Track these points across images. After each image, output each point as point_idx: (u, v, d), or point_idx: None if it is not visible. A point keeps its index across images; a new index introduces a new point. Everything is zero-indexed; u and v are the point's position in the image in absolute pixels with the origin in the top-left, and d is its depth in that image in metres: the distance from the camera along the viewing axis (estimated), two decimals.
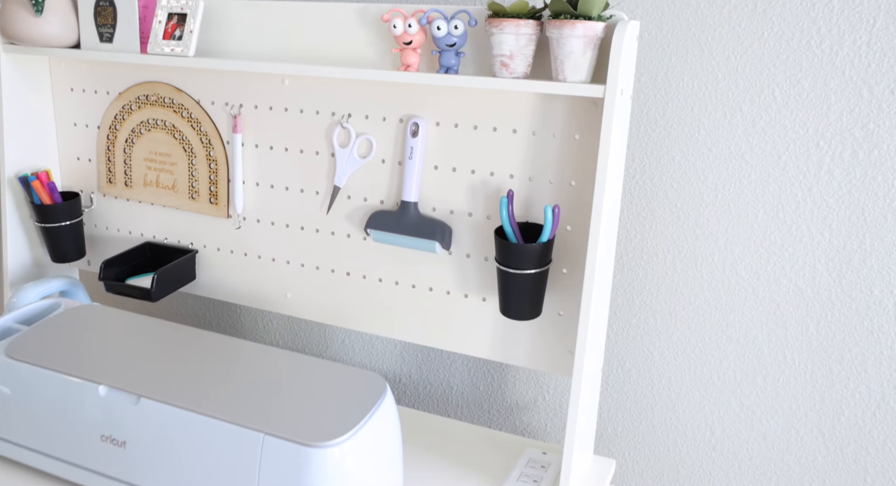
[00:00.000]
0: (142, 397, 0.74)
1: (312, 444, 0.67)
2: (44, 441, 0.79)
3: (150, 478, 0.73)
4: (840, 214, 0.87)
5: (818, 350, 0.92)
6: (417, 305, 0.94)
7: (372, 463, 0.70)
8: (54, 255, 1.10)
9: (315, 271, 1.00)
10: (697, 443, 1.00)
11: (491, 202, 0.88)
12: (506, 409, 1.10)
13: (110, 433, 0.75)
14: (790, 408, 0.95)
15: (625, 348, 1.01)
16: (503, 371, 1.09)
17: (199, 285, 1.09)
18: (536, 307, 0.83)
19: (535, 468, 0.88)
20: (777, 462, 0.97)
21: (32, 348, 0.81)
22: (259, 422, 0.69)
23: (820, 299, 0.90)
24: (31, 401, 0.78)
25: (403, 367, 1.15)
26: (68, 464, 0.78)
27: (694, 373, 0.98)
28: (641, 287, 0.98)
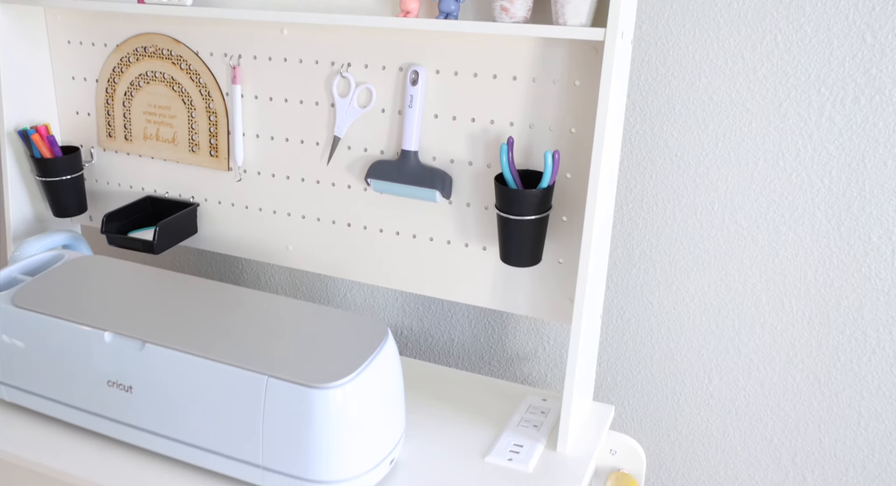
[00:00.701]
0: (147, 343, 0.75)
1: (315, 385, 0.68)
2: (52, 388, 0.80)
3: (157, 422, 0.75)
4: (840, 161, 0.87)
5: (816, 297, 0.92)
6: (418, 255, 0.94)
7: (374, 405, 0.71)
8: (56, 209, 1.10)
9: (316, 222, 1.00)
10: (695, 390, 1.02)
11: (491, 151, 0.88)
12: (506, 360, 1.12)
13: (117, 378, 0.76)
14: (787, 355, 0.96)
15: (624, 297, 1.02)
16: (504, 322, 1.10)
17: (200, 238, 1.09)
18: (536, 254, 0.84)
19: (535, 414, 0.89)
20: (773, 408, 0.98)
21: (37, 297, 0.82)
22: (262, 365, 0.70)
23: (818, 246, 0.91)
24: (38, 349, 0.80)
25: (405, 319, 1.16)
26: (76, 409, 0.79)
27: (693, 322, 0.99)
28: (641, 237, 0.99)
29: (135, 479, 0.74)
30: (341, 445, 0.69)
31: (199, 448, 0.73)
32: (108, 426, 0.78)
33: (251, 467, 0.71)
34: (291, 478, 0.70)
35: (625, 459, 0.91)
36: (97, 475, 0.74)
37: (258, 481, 0.72)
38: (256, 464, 0.71)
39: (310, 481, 0.69)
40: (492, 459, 0.80)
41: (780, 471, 1.00)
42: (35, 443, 0.79)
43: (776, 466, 1.00)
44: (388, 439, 0.74)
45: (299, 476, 0.70)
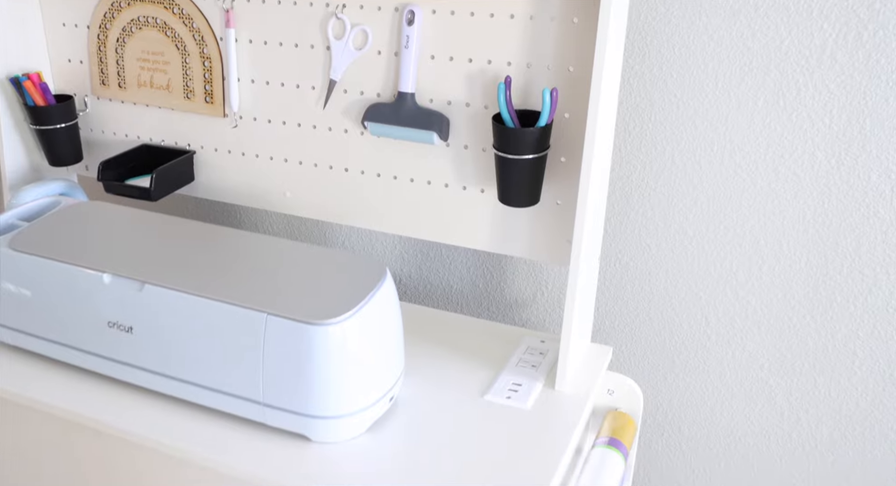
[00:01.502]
0: (146, 284, 0.75)
1: (314, 322, 0.68)
2: (54, 330, 0.80)
3: (158, 362, 0.76)
4: (841, 100, 0.86)
5: (814, 238, 0.92)
6: (416, 198, 0.94)
7: (372, 342, 0.72)
8: (51, 159, 1.10)
9: (313, 168, 1.00)
10: (693, 333, 1.02)
11: (488, 91, 0.87)
12: (505, 305, 1.12)
13: (117, 319, 0.76)
14: (784, 296, 0.96)
15: (622, 241, 1.02)
16: (502, 268, 1.10)
17: (197, 186, 1.09)
18: (535, 194, 0.83)
19: (533, 355, 0.90)
20: (769, 349, 0.99)
21: (35, 241, 0.82)
22: (262, 303, 0.71)
23: (818, 186, 0.90)
24: (38, 292, 0.80)
25: (404, 267, 1.16)
26: (79, 351, 0.80)
27: (690, 265, 0.99)
28: (640, 180, 0.98)
29: (139, 417, 0.75)
30: (341, 381, 0.69)
31: (201, 387, 0.74)
32: (110, 367, 0.79)
33: (252, 404, 0.72)
34: (292, 414, 0.71)
35: (622, 399, 0.92)
36: (102, 413, 0.75)
37: (259, 417, 0.73)
38: (257, 401, 0.72)
39: (310, 416, 0.70)
40: (491, 397, 0.81)
41: (774, 411, 1.01)
42: (39, 385, 0.80)
43: (771, 406, 1.01)
44: (388, 376, 0.74)
45: (300, 412, 0.70)
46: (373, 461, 0.70)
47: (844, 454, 1.00)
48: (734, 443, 1.05)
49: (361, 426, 0.73)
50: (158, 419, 0.75)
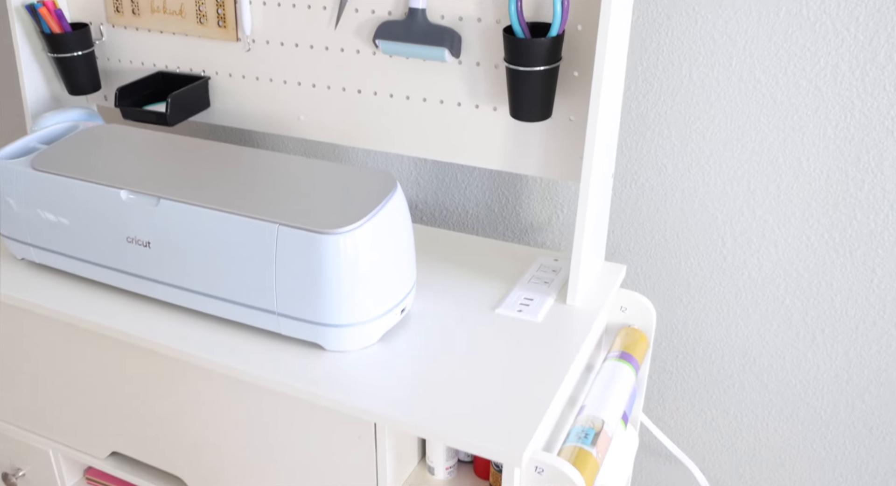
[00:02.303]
0: (161, 199, 0.76)
1: (324, 232, 0.69)
2: (77, 248, 0.83)
3: (176, 275, 0.77)
4: (868, 6, 0.83)
5: (835, 154, 0.91)
6: (429, 119, 0.94)
7: (383, 253, 0.73)
8: (70, 87, 1.11)
9: (326, 90, 0.99)
10: (709, 253, 1.02)
11: (500, 6, 0.85)
12: (520, 229, 1.12)
13: (135, 234, 0.78)
14: (803, 215, 0.95)
15: (638, 161, 1.01)
16: (517, 191, 1.10)
17: (213, 113, 1.09)
18: (547, 108, 0.82)
19: (546, 272, 0.90)
20: (786, 269, 0.98)
21: (55, 161, 0.84)
22: (273, 215, 0.72)
23: (840, 99, 0.88)
24: (60, 210, 0.82)
25: (419, 192, 1.17)
26: (101, 267, 0.82)
27: (707, 185, 0.98)
28: (656, 98, 0.96)
29: (161, 329, 0.77)
30: (351, 290, 0.71)
31: (217, 298, 0.76)
32: (131, 282, 0.81)
33: (267, 314, 0.74)
34: (305, 323, 0.73)
35: (635, 315, 0.93)
36: (125, 325, 0.78)
37: (274, 327, 0.75)
38: (272, 310, 0.74)
39: (322, 324, 0.72)
40: (502, 311, 0.82)
41: (790, 330, 1.01)
42: (67, 300, 0.82)
43: (787, 326, 1.01)
44: (399, 288, 0.76)
45: (312, 321, 0.72)
46: (385, 369, 0.72)
47: (860, 372, 1.00)
48: (748, 364, 1.06)
49: (373, 336, 0.75)
50: (179, 331, 0.77)
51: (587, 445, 0.71)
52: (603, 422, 0.75)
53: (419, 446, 0.76)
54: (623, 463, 0.91)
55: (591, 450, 0.70)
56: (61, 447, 0.94)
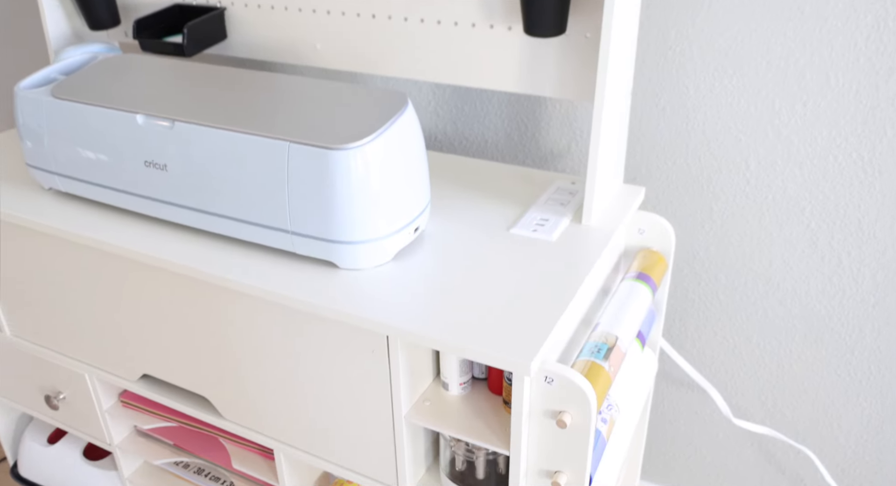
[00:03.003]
0: (176, 121, 0.77)
1: (334, 147, 0.69)
2: (99, 174, 0.84)
3: (193, 197, 0.79)
4: None
5: (865, 67, 0.87)
6: (444, 41, 0.92)
7: (394, 169, 0.73)
8: (90, 22, 1.11)
9: (341, 17, 0.98)
10: (732, 177, 1.00)
11: None
12: (540, 157, 1.11)
13: (152, 158, 0.79)
14: (829, 134, 0.92)
15: (659, 82, 0.98)
16: (537, 118, 1.08)
17: (230, 44, 1.09)
18: (561, 21, 0.80)
19: (562, 195, 0.90)
20: (812, 191, 0.96)
21: (75, 90, 0.85)
22: (284, 133, 0.72)
23: (873, 7, 0.84)
24: (80, 137, 0.83)
25: (438, 122, 1.16)
26: (122, 192, 0.84)
27: (730, 105, 0.96)
28: (677, 16, 0.93)
29: (180, 252, 0.79)
30: (363, 206, 0.71)
31: (232, 219, 0.77)
32: (152, 206, 0.83)
33: (281, 233, 0.75)
34: (318, 241, 0.73)
35: (654, 238, 0.92)
36: (148, 249, 0.80)
37: (288, 246, 0.76)
38: (285, 229, 0.74)
39: (335, 242, 0.73)
40: (517, 230, 0.82)
41: (815, 254, 0.99)
42: (94, 227, 0.84)
43: (812, 249, 0.99)
44: (412, 206, 0.76)
45: (325, 238, 0.73)
46: (398, 286, 0.72)
47: (886, 295, 0.98)
48: (772, 289, 1.04)
49: (386, 254, 0.76)
50: (199, 253, 0.78)
51: (599, 359, 0.71)
52: (616, 338, 0.75)
53: (433, 362, 0.77)
54: (640, 385, 0.92)
55: (603, 364, 0.71)
56: (96, 371, 0.97)
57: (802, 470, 1.15)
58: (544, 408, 0.66)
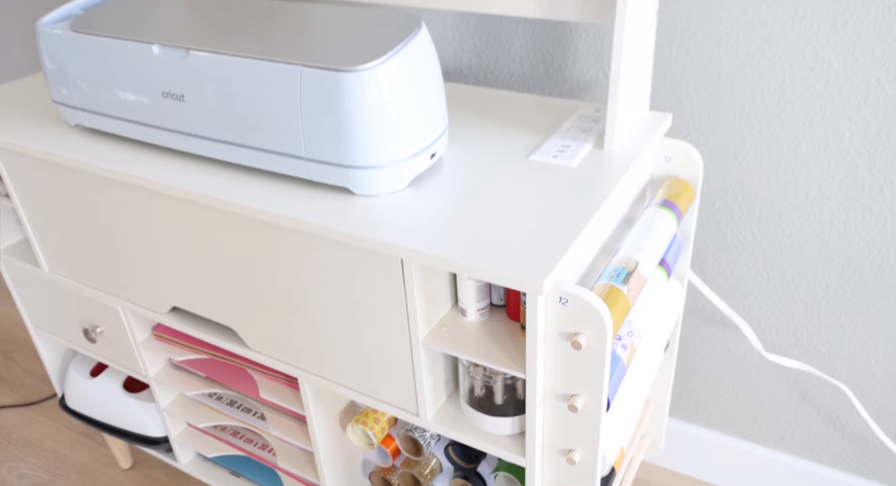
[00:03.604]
0: (191, 51, 0.77)
1: (346, 69, 0.68)
2: (119, 107, 0.85)
3: (210, 127, 0.79)
4: None
5: None
6: None
7: (408, 92, 0.71)
8: None
9: None
10: (766, 105, 0.96)
11: None
12: (566, 90, 1.08)
13: (169, 88, 0.80)
14: (873, 54, 0.87)
15: (688, 7, 0.94)
16: (563, 49, 1.05)
17: None
18: None
19: (585, 122, 0.87)
20: (852, 116, 0.91)
21: (93, 24, 0.85)
22: (296, 57, 0.71)
23: None
24: (99, 70, 0.84)
25: (463, 57, 1.14)
26: (143, 125, 0.84)
27: (764, 27, 0.91)
28: None
29: (199, 181, 0.80)
30: (377, 129, 0.70)
31: (249, 148, 0.77)
32: (172, 138, 0.83)
33: (296, 160, 0.75)
34: (333, 166, 0.73)
35: (680, 165, 0.89)
36: (168, 179, 0.80)
37: (304, 174, 0.76)
38: (300, 156, 0.74)
39: (350, 167, 0.72)
40: (536, 157, 0.80)
41: (855, 184, 0.95)
42: (120, 161, 0.85)
43: (851, 179, 0.95)
44: (427, 131, 0.75)
45: (340, 164, 0.72)
46: (413, 211, 0.72)
47: None
48: (808, 222, 1.01)
49: (402, 180, 0.75)
50: (216, 183, 0.79)
51: (618, 283, 0.70)
52: (637, 263, 0.73)
53: (451, 290, 0.77)
54: (666, 315, 0.90)
55: (621, 287, 0.69)
56: (129, 305, 1.00)
57: (837, 407, 1.13)
58: (559, 330, 0.65)
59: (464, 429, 0.78)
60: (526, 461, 0.74)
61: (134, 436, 1.19)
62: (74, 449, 1.46)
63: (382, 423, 0.92)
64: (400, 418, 0.84)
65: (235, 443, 1.10)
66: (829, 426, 1.15)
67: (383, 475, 0.99)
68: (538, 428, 0.71)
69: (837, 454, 1.17)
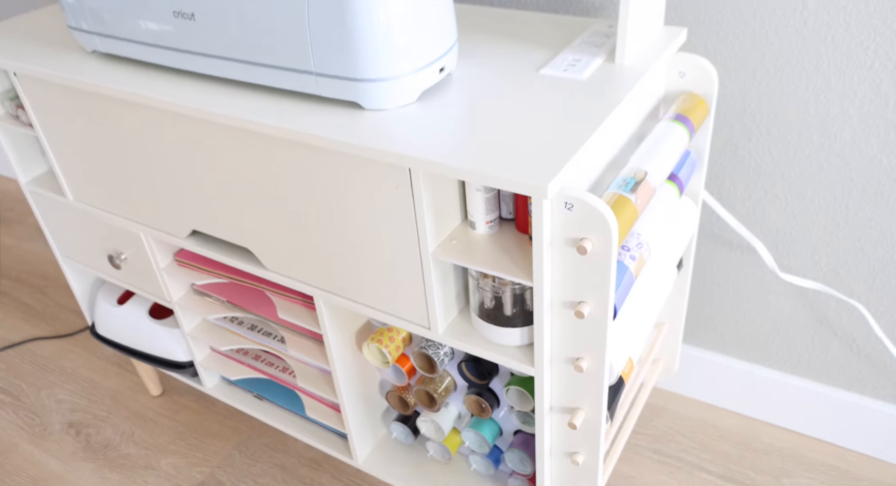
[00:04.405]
0: None
1: None
2: (133, 29, 0.86)
3: (220, 44, 0.79)
4: None
5: None
6: None
7: (415, 3, 0.71)
8: None
9: None
10: (787, 18, 0.93)
11: None
12: (581, 9, 1.06)
13: (180, 7, 0.80)
14: None
15: None
16: None
17: None
18: None
19: (598, 37, 0.86)
20: (877, 27, 0.89)
21: None
22: None
23: None
24: None
25: None
26: (158, 47, 0.85)
27: None
28: None
29: (213, 101, 0.80)
30: (384, 41, 0.70)
31: (259, 65, 0.77)
32: (185, 59, 0.84)
33: (305, 75, 0.75)
34: (341, 80, 0.73)
35: (695, 80, 0.87)
36: (185, 100, 0.81)
37: (313, 89, 0.76)
38: (309, 71, 0.74)
39: (358, 80, 0.72)
40: (547, 71, 0.79)
41: (878, 99, 0.93)
42: (132, 82, 0.86)
43: (875, 94, 0.93)
44: (436, 44, 0.74)
45: (348, 77, 0.72)
46: (423, 125, 0.72)
47: None
48: (829, 141, 0.99)
49: (411, 94, 0.75)
50: (229, 102, 0.80)
51: (626, 191, 0.70)
52: (646, 173, 0.73)
53: (461, 204, 0.77)
54: (678, 232, 0.90)
55: (629, 196, 0.69)
56: (150, 230, 1.02)
57: (854, 329, 1.12)
58: (565, 236, 0.66)
59: (474, 341, 0.79)
60: (535, 370, 0.76)
61: (161, 361, 1.23)
62: (107, 377, 1.52)
63: (397, 342, 0.94)
64: (412, 332, 0.86)
65: (257, 366, 1.14)
66: (845, 348, 1.15)
67: (399, 394, 1.02)
68: (546, 336, 0.73)
69: (854, 378, 1.17)
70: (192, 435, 1.38)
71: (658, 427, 1.30)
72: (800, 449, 1.23)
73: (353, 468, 1.28)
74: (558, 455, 0.84)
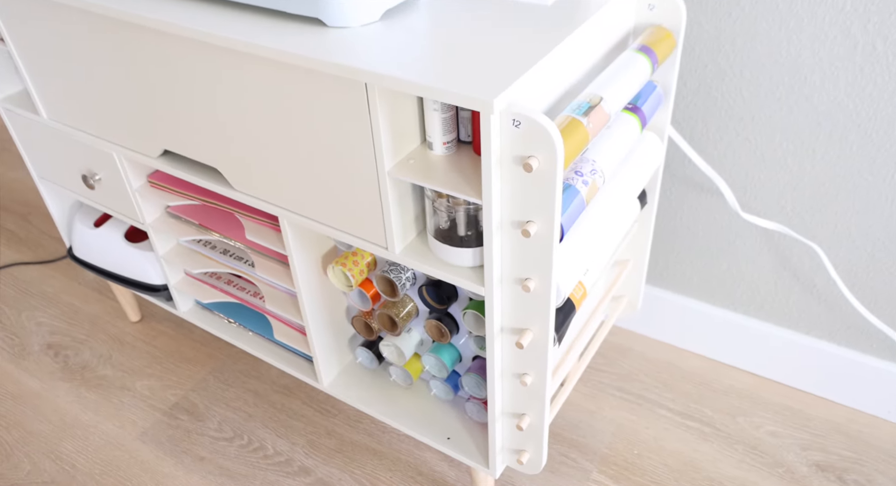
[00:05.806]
0: None
1: None
2: None
3: None
4: None
5: None
6: None
7: None
8: None
9: None
10: None
11: None
12: None
13: None
14: None
15: None
16: None
17: None
18: None
19: None
20: None
21: None
22: None
23: None
24: None
25: None
26: None
27: None
28: None
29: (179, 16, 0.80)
30: None
31: None
32: None
33: None
34: None
35: (663, 13, 0.87)
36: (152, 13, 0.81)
37: (277, 4, 0.76)
38: None
39: None
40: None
41: (848, 41, 0.93)
42: None
43: (845, 36, 0.93)
44: None
45: None
46: (384, 43, 0.72)
47: None
48: (798, 83, 0.99)
49: (375, 11, 0.75)
50: (196, 16, 0.80)
51: (578, 114, 0.71)
52: (601, 98, 0.73)
53: (420, 127, 0.78)
54: (639, 164, 0.91)
55: (581, 119, 0.70)
56: (122, 150, 1.03)
57: (814, 274, 1.14)
58: (513, 154, 0.67)
59: (430, 262, 0.81)
60: (485, 289, 0.78)
61: (136, 284, 1.25)
62: (88, 303, 1.55)
63: (361, 266, 0.96)
64: (371, 252, 0.88)
65: (229, 291, 1.16)
66: (806, 293, 1.17)
67: (364, 320, 1.04)
68: (496, 255, 0.74)
69: (812, 321, 1.19)
70: (169, 360, 1.41)
71: (623, 367, 1.33)
72: (757, 390, 1.26)
73: (324, 395, 1.32)
74: (508, 376, 0.87)
